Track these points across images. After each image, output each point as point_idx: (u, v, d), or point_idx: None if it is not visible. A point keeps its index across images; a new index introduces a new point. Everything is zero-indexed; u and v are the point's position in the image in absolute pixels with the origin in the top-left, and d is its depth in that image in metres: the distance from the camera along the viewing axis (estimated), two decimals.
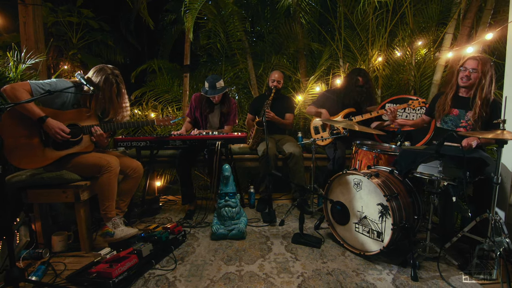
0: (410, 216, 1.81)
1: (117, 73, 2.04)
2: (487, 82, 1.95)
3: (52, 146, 1.90)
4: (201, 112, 2.85)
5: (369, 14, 3.28)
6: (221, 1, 3.60)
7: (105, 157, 1.96)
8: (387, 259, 1.86)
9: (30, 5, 2.91)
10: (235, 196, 2.23)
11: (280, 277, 1.68)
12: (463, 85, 2.05)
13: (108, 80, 1.97)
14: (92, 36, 4.30)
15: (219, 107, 2.86)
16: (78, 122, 1.97)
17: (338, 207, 2.01)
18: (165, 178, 3.55)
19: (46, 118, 1.79)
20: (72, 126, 1.93)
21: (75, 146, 1.97)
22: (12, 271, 1.41)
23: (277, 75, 3.05)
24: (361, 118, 2.81)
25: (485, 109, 1.97)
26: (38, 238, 2.01)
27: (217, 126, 2.91)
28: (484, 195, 1.84)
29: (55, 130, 1.82)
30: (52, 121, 1.81)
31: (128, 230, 1.99)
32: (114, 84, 2.01)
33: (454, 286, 1.60)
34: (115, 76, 2.02)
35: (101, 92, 1.97)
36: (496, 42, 2.95)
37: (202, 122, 2.89)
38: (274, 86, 2.99)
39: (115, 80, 2.01)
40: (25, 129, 1.82)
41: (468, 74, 2.00)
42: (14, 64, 2.38)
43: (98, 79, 1.96)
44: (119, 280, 1.54)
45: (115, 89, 2.02)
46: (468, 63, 2.01)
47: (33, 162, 1.86)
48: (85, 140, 2.00)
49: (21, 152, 1.82)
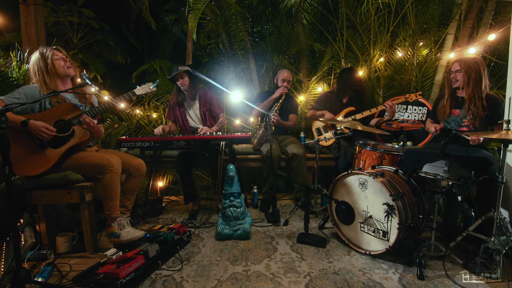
0: (415, 216, 1.83)
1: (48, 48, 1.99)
2: (472, 79, 2.07)
3: (50, 147, 1.89)
4: (179, 108, 2.79)
5: (372, 14, 3.30)
6: (224, 2, 3.60)
7: (106, 156, 1.95)
8: (393, 258, 1.87)
9: (32, 5, 2.90)
10: (240, 196, 2.23)
11: (287, 276, 1.69)
12: (455, 87, 2.20)
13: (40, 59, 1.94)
14: (92, 36, 4.28)
15: (196, 100, 2.80)
16: (63, 117, 1.94)
17: (343, 207, 2.02)
18: (167, 178, 3.55)
19: (28, 121, 1.77)
20: (59, 122, 1.91)
21: (70, 139, 1.95)
22: (19, 272, 1.41)
23: (287, 74, 2.95)
24: (361, 115, 2.84)
25: (477, 104, 2.05)
26: (43, 239, 2.00)
27: (200, 121, 2.81)
28: (488, 194, 1.86)
29: (39, 129, 1.80)
30: (34, 122, 1.79)
31: (134, 232, 1.98)
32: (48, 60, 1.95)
33: (460, 285, 1.61)
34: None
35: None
36: (497, 43, 2.97)
37: (182, 119, 2.82)
38: (284, 86, 2.88)
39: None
40: (18, 139, 1.81)
41: (455, 76, 2.17)
42: (17, 64, 2.36)
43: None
44: (126, 281, 1.54)
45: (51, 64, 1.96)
46: (452, 66, 2.20)
47: (39, 167, 1.84)
48: (77, 131, 1.98)
49: (23, 162, 1.81)
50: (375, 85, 3.54)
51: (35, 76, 1.95)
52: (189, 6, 3.20)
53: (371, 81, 3.53)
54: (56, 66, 1.97)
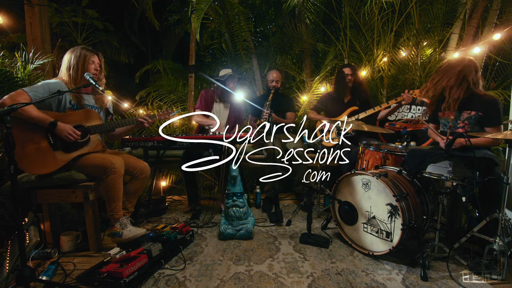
0: (419, 216, 1.81)
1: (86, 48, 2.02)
2: (452, 82, 1.99)
3: (61, 149, 1.89)
4: (217, 104, 2.86)
5: (375, 14, 3.28)
6: (227, 2, 3.60)
7: (109, 158, 1.95)
8: (396, 259, 1.86)
9: (37, 5, 2.92)
10: (243, 196, 2.23)
11: (289, 277, 1.68)
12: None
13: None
14: (96, 37, 4.31)
15: (229, 104, 2.86)
16: (82, 123, 1.96)
17: (346, 207, 2.02)
18: (170, 178, 3.56)
19: (57, 123, 1.80)
20: (77, 127, 1.92)
21: (84, 147, 1.97)
22: (24, 270, 1.42)
23: (275, 74, 3.07)
24: (365, 114, 2.82)
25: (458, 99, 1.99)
26: (47, 238, 2.02)
27: (223, 125, 2.84)
28: (492, 195, 1.85)
29: (67, 133, 1.83)
30: (62, 125, 1.82)
31: (136, 230, 1.99)
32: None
33: (464, 286, 1.60)
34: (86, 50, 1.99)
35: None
36: (502, 43, 2.95)
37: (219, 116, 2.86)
38: (273, 86, 3.01)
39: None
40: (30, 135, 1.81)
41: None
42: (22, 65, 2.38)
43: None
44: (130, 280, 1.54)
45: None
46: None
47: (45, 167, 1.85)
48: (93, 140, 2.01)
49: (31, 159, 1.80)
50: (379, 85, 3.52)
51: (67, 71, 1.95)
52: (192, 6, 3.21)
53: (375, 81, 3.52)
54: (87, 69, 1.97)
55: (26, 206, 1.98)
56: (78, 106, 2.00)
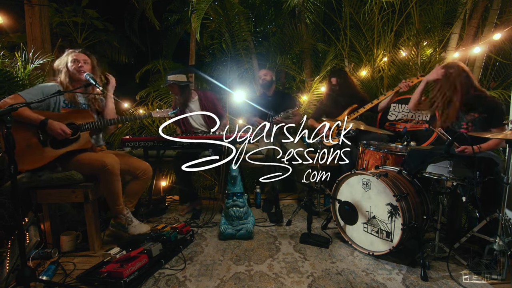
0: (419, 216, 1.81)
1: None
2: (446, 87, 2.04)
3: (50, 145, 1.92)
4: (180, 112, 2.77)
5: (375, 14, 3.28)
6: (227, 2, 3.60)
7: (102, 157, 1.96)
8: (396, 259, 1.86)
9: (37, 5, 2.92)
10: (243, 196, 2.23)
11: (290, 277, 1.68)
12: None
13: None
14: (96, 36, 4.31)
15: (194, 104, 2.81)
16: (74, 120, 2.00)
17: (346, 207, 2.02)
18: (170, 178, 3.56)
19: (47, 121, 1.85)
20: (69, 125, 1.95)
21: (73, 143, 1.98)
22: (24, 270, 1.42)
23: (263, 71, 3.11)
24: (364, 109, 2.84)
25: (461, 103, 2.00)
26: (47, 238, 2.02)
27: (203, 122, 2.84)
28: (492, 195, 1.85)
29: (58, 131, 1.87)
30: (53, 123, 1.86)
31: (141, 227, 2.03)
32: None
33: (464, 286, 1.60)
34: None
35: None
36: (502, 43, 2.94)
37: (183, 123, 2.84)
38: (262, 80, 3.05)
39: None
40: (22, 133, 1.85)
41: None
42: (22, 65, 2.38)
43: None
44: (130, 280, 1.54)
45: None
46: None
47: (32, 162, 1.88)
48: (83, 137, 2.02)
49: (22, 155, 1.83)
50: (379, 85, 3.52)
51: (58, 74, 2.05)
52: (192, 6, 3.21)
53: (375, 81, 3.51)
54: (69, 68, 2.03)
55: (26, 206, 1.98)
56: (73, 105, 2.05)
